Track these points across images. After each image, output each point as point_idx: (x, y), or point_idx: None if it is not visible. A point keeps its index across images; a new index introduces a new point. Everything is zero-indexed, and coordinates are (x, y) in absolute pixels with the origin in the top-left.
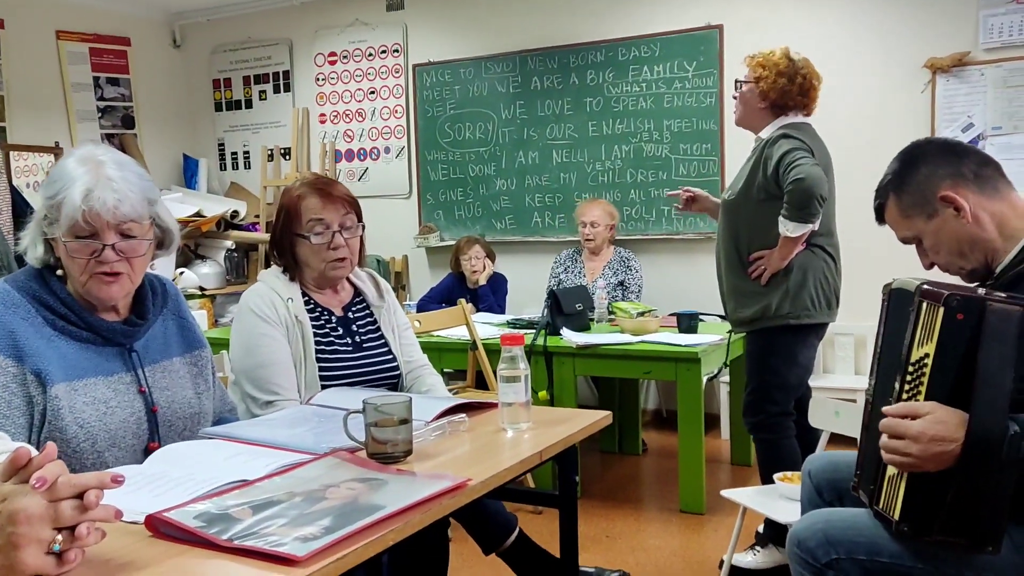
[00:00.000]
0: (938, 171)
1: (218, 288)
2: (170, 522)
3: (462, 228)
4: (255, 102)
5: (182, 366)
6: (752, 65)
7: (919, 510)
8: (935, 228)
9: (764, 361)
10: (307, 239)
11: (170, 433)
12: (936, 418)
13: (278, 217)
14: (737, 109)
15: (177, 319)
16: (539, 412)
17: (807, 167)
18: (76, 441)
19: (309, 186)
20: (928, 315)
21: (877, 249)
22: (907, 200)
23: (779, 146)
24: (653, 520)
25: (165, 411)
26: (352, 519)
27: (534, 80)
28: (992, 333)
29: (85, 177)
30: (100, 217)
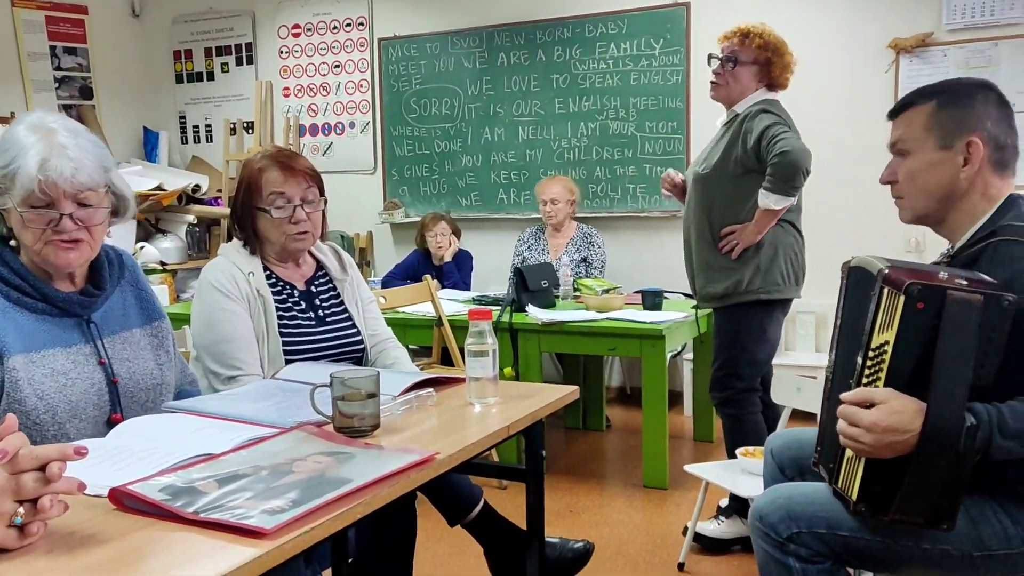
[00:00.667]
0: (985, 117)
1: (179, 263)
2: (134, 495)
3: (427, 204)
4: (217, 74)
5: (142, 337)
6: (752, 46)
7: (876, 492)
8: (933, 159)
9: (734, 337)
10: (268, 213)
11: (132, 404)
12: (891, 408)
13: (238, 190)
14: (723, 85)
15: (135, 290)
16: (506, 387)
17: (792, 140)
18: (36, 413)
19: (270, 159)
20: (889, 302)
21: (839, 227)
22: (942, 117)
23: (760, 120)
24: (617, 495)
25: (126, 382)
26: (319, 492)
27: (501, 56)
28: (952, 323)
29: (38, 145)
30: (57, 187)
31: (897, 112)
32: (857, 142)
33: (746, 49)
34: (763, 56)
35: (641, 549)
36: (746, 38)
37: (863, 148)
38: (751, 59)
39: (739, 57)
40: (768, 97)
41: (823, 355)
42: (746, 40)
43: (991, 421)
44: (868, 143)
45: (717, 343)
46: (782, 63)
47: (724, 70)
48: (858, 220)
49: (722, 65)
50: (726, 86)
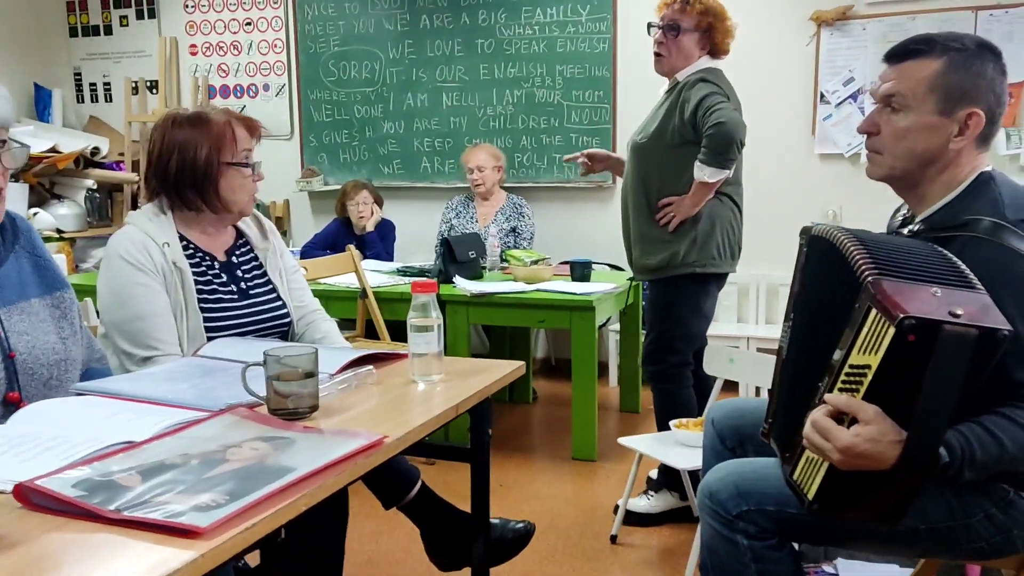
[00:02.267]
0: (989, 93)
1: (78, 231)
2: (44, 491)
3: (347, 172)
4: (115, 28)
5: (42, 308)
6: (694, 12)
7: (833, 498)
8: (928, 122)
9: (668, 310)
10: (244, 168)
11: (32, 382)
12: (870, 434)
13: (192, 148)
14: (667, 56)
15: (32, 257)
16: (450, 363)
17: (727, 111)
18: None
19: (229, 115)
20: (876, 326)
21: (759, 198)
22: (950, 80)
23: (697, 89)
24: (546, 469)
25: (25, 357)
26: (259, 483)
27: (423, 18)
28: (943, 360)
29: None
30: None
31: (900, 57)
32: (778, 114)
33: (688, 15)
34: (705, 21)
35: (573, 523)
36: (687, 4)
37: (784, 119)
38: (693, 25)
39: (681, 24)
40: (710, 66)
41: (745, 325)
42: (687, 6)
43: (963, 456)
44: (789, 114)
45: (651, 316)
46: (723, 28)
47: (667, 39)
48: (777, 191)
49: (664, 33)
50: (669, 56)
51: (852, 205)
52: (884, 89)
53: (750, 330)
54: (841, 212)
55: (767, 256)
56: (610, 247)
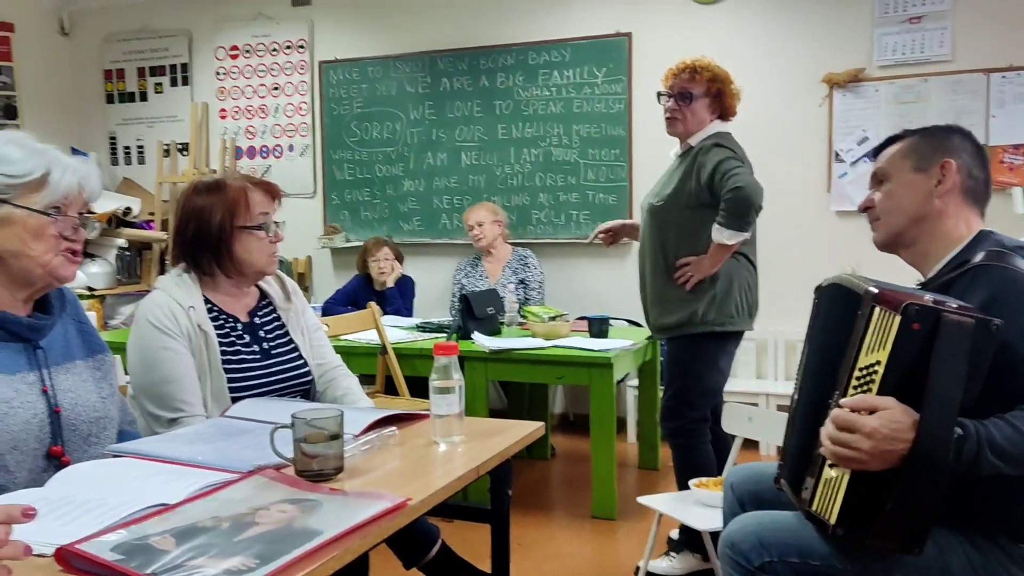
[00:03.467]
0: (960, 150)
1: (108, 288)
2: (84, 555)
3: (368, 229)
4: (150, 95)
5: (85, 369)
6: (703, 79)
7: (856, 515)
8: (911, 180)
9: (686, 367)
10: (258, 231)
11: (74, 437)
12: (892, 416)
13: (207, 214)
14: (681, 120)
15: (77, 324)
16: (470, 423)
17: (745, 176)
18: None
19: (246, 180)
20: (882, 321)
21: (773, 257)
22: (919, 145)
23: (713, 154)
24: (565, 527)
25: (68, 413)
26: (287, 547)
27: (444, 81)
28: (946, 345)
29: (57, 155)
30: (81, 195)
31: (881, 148)
32: (791, 174)
33: (697, 83)
34: (714, 87)
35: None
36: (696, 73)
37: (797, 180)
38: (703, 92)
39: (692, 92)
40: (722, 130)
41: (765, 381)
42: (696, 75)
43: (979, 436)
44: (805, 172)
45: (669, 373)
46: (731, 91)
47: (679, 106)
48: (791, 251)
49: (677, 102)
50: (683, 120)
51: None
52: (872, 171)
53: (769, 386)
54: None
55: (785, 313)
56: (627, 303)
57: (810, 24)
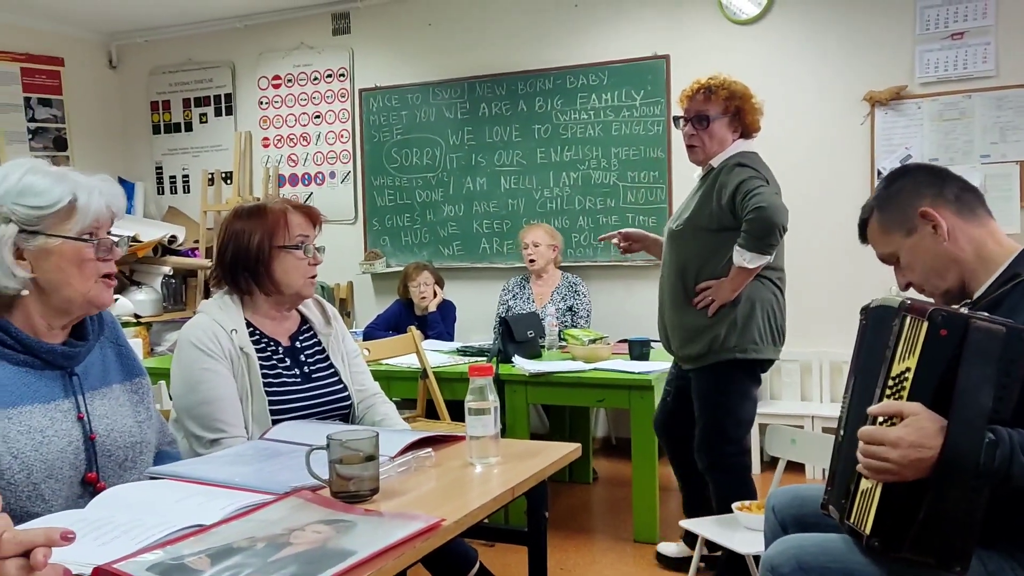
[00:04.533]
0: (920, 190)
1: (154, 315)
2: (121, 575)
3: (409, 254)
4: (195, 125)
5: (122, 393)
6: (720, 99)
7: (891, 525)
8: (912, 244)
9: (715, 399)
10: (296, 251)
11: (109, 463)
12: (917, 423)
13: (247, 236)
14: (701, 144)
15: (115, 346)
16: (507, 445)
17: (768, 196)
18: (10, 473)
19: (286, 203)
20: (911, 329)
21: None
22: (888, 215)
23: (735, 173)
24: (607, 551)
25: (104, 439)
26: (321, 567)
27: (482, 106)
28: (974, 351)
29: (77, 177)
30: (110, 215)
31: (863, 237)
32: (834, 193)
33: (714, 103)
34: (732, 106)
35: None
36: (711, 92)
37: (840, 199)
38: (721, 111)
39: (709, 113)
40: (745, 148)
41: (809, 404)
42: (711, 95)
43: (1012, 441)
44: (845, 193)
45: (699, 406)
46: (751, 107)
47: (697, 130)
48: (836, 272)
49: (693, 126)
50: (703, 146)
51: None
52: (879, 257)
53: (814, 408)
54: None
55: (829, 334)
56: None
57: (850, 42)
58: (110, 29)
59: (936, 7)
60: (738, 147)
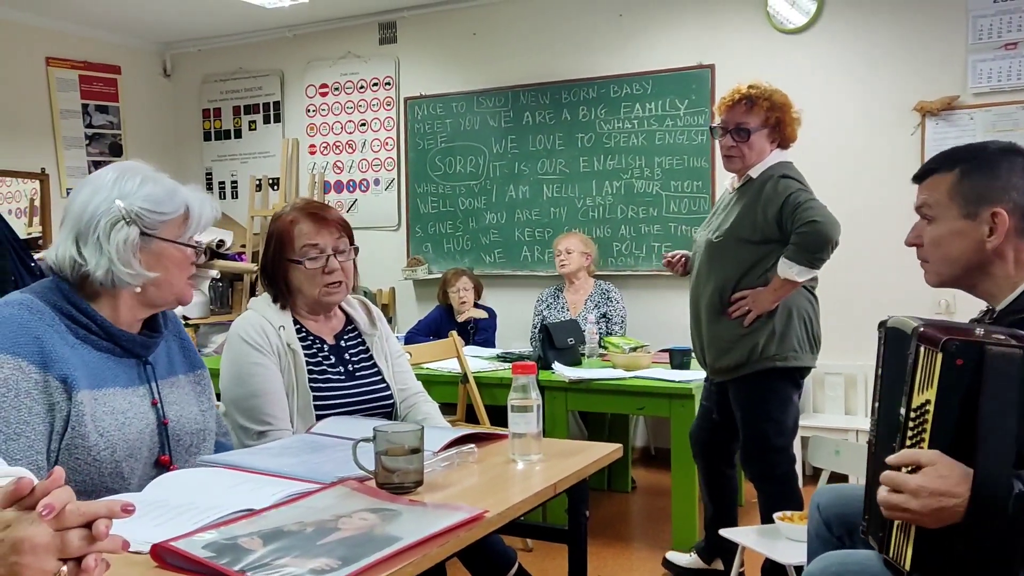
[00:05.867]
0: (1012, 190)
1: (201, 318)
2: (178, 551)
3: (451, 261)
4: (244, 132)
5: (187, 384)
6: (761, 111)
7: (930, 560)
8: (958, 229)
9: (758, 408)
10: (301, 264)
11: (178, 447)
12: (937, 471)
13: (268, 244)
14: (739, 156)
15: (178, 340)
16: (548, 444)
17: (821, 209)
18: (97, 450)
19: (300, 211)
20: (927, 360)
21: (867, 289)
22: (965, 186)
23: (782, 186)
24: (645, 559)
25: (174, 425)
26: (368, 551)
27: (526, 115)
28: (993, 378)
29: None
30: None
31: (921, 177)
32: (883, 204)
33: (755, 115)
34: (773, 117)
35: None
36: (753, 103)
37: (889, 210)
38: (761, 123)
39: (749, 126)
40: (783, 160)
41: (853, 417)
42: (753, 106)
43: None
44: (895, 205)
45: (740, 416)
46: (791, 119)
47: (736, 142)
48: (885, 283)
49: (733, 138)
50: (742, 157)
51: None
52: (916, 202)
53: (858, 422)
54: (955, 302)
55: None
56: None
57: (900, 51)
58: (165, 39)
59: (989, 16)
60: (776, 157)
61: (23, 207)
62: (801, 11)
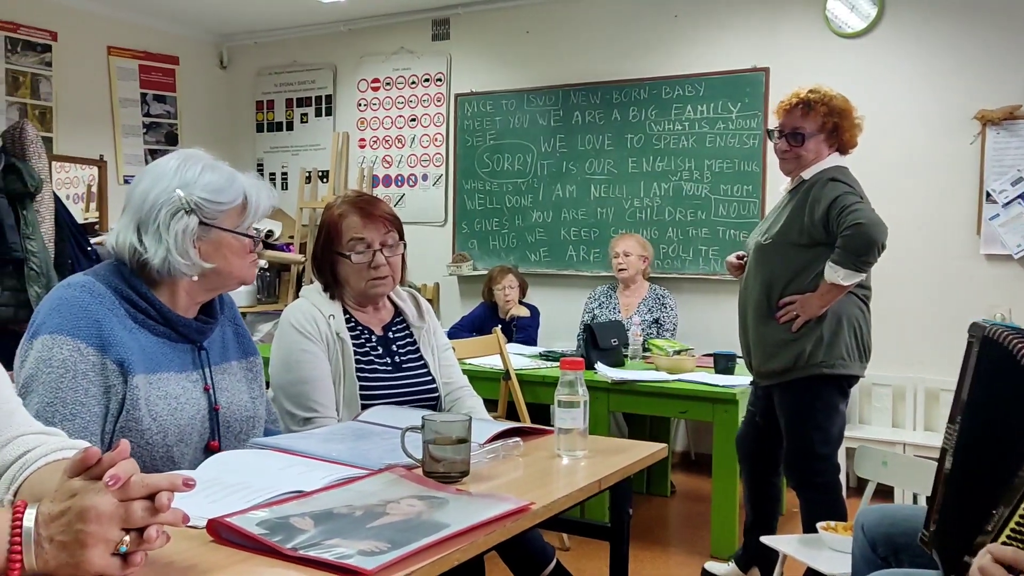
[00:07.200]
0: None
1: (249, 306)
2: (233, 527)
3: (496, 258)
4: (296, 125)
5: (239, 370)
6: (818, 115)
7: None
8: None
9: (803, 414)
10: (348, 258)
11: (228, 434)
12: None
13: (319, 235)
14: (793, 158)
15: (233, 325)
16: (593, 441)
17: (867, 212)
18: (149, 433)
19: (350, 204)
20: None
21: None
22: None
23: (830, 189)
24: (683, 564)
25: (225, 411)
26: (417, 535)
27: (575, 114)
28: None
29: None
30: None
31: None
32: (940, 213)
33: (811, 119)
34: (830, 122)
35: None
36: (810, 108)
37: (946, 219)
38: (818, 128)
39: (805, 130)
40: (839, 164)
41: (900, 430)
42: (809, 111)
43: None
44: (952, 214)
45: (785, 423)
46: (850, 124)
47: (792, 146)
48: (939, 294)
49: (788, 141)
50: (796, 159)
51: (1022, 308)
52: None
53: (906, 435)
54: (1010, 315)
55: (927, 358)
56: None
57: (962, 58)
58: (223, 31)
59: None
60: (831, 161)
61: (80, 192)
62: (860, 15)
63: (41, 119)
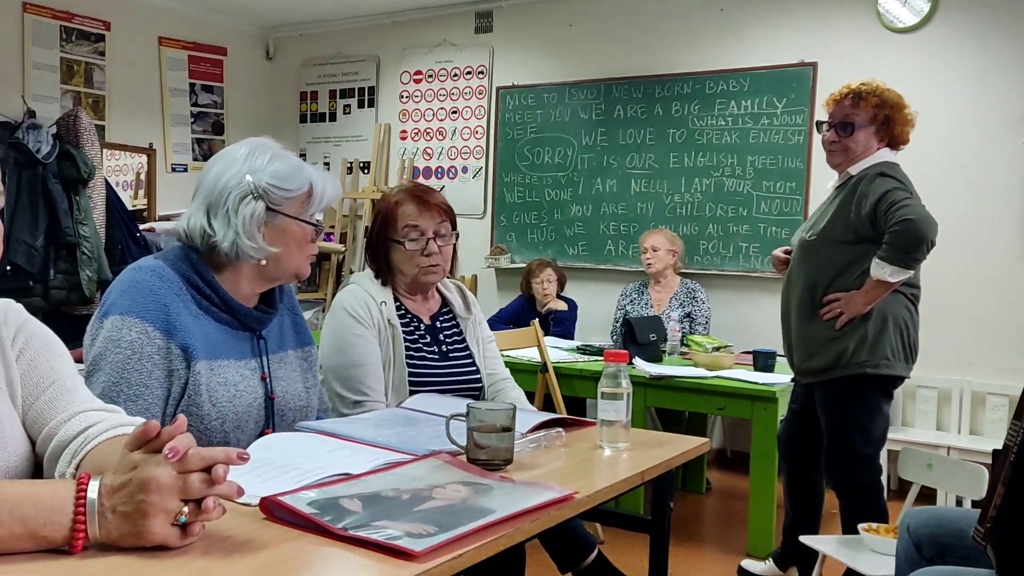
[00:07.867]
0: None
1: None
2: (285, 506)
3: (534, 251)
4: (339, 115)
5: (295, 359)
6: (869, 106)
7: None
8: None
9: (844, 414)
10: (401, 244)
11: (282, 422)
12: None
13: (375, 222)
14: (841, 151)
15: (291, 315)
16: (635, 434)
17: (916, 208)
18: (209, 419)
19: (407, 193)
20: None
21: (965, 301)
22: None
23: (878, 184)
24: (719, 562)
25: (280, 400)
26: (463, 520)
27: (617, 108)
28: None
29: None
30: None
31: None
32: (990, 212)
33: (862, 110)
34: (881, 114)
35: None
36: (860, 98)
37: (997, 219)
38: (868, 119)
39: (855, 121)
40: (888, 159)
41: (945, 434)
42: (860, 101)
43: None
44: (1003, 214)
45: (825, 422)
46: (902, 118)
47: (840, 137)
48: (984, 298)
49: (836, 132)
50: (844, 151)
51: None
52: None
53: (950, 439)
54: None
55: (974, 361)
56: None
57: (1016, 55)
58: (269, 22)
59: None
60: (881, 156)
61: (129, 180)
62: (913, 10)
63: (94, 107)
